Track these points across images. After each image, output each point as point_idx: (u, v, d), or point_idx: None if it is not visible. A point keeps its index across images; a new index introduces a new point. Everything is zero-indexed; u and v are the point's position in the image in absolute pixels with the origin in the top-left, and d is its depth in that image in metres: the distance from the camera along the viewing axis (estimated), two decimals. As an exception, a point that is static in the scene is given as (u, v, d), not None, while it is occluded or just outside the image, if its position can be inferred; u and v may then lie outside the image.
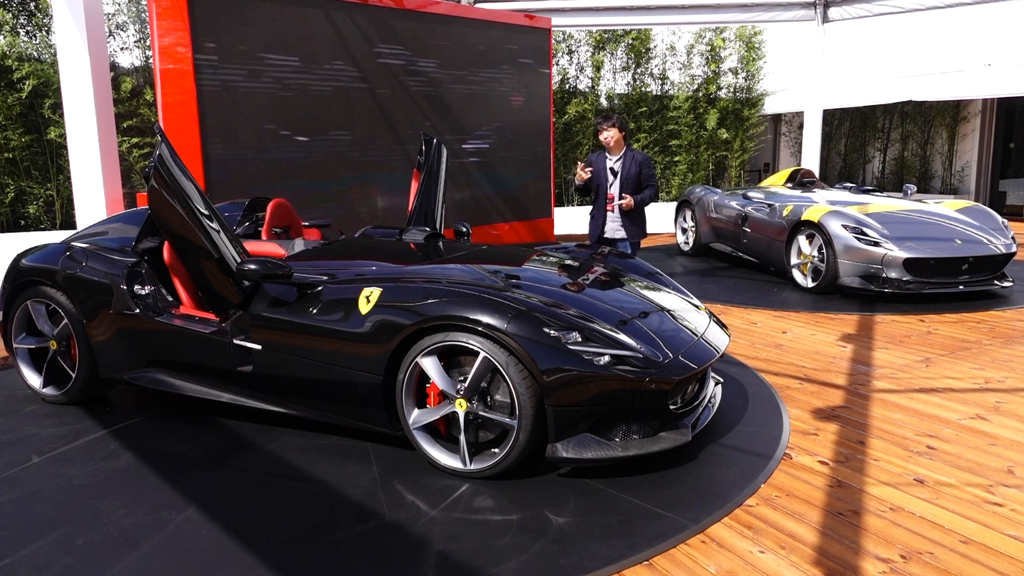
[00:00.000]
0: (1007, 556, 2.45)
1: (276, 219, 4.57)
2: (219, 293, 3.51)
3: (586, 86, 13.89)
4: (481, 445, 3.07)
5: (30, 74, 9.34)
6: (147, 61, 10.29)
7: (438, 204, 4.84)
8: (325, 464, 3.21)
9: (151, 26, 5.88)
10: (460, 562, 2.43)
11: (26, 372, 4.10)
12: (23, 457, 3.34)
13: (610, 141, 5.33)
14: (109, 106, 5.85)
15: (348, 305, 3.19)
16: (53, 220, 9.94)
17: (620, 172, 5.33)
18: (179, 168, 3.40)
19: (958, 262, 6.28)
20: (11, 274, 4.05)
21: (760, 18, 11.89)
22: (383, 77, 7.42)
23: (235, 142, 6.39)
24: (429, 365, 3.01)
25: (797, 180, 8.38)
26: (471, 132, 8.38)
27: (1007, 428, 3.54)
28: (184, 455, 3.34)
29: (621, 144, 5.36)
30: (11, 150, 9.46)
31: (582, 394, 2.86)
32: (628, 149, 5.37)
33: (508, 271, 3.61)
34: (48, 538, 2.62)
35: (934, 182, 15.13)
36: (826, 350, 4.92)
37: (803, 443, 3.40)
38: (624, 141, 5.39)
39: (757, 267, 8.14)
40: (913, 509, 2.77)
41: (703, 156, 14.48)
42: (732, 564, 2.43)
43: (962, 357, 4.72)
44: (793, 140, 16.68)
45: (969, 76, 13.17)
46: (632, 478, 3.00)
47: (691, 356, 3.16)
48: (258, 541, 2.58)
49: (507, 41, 8.64)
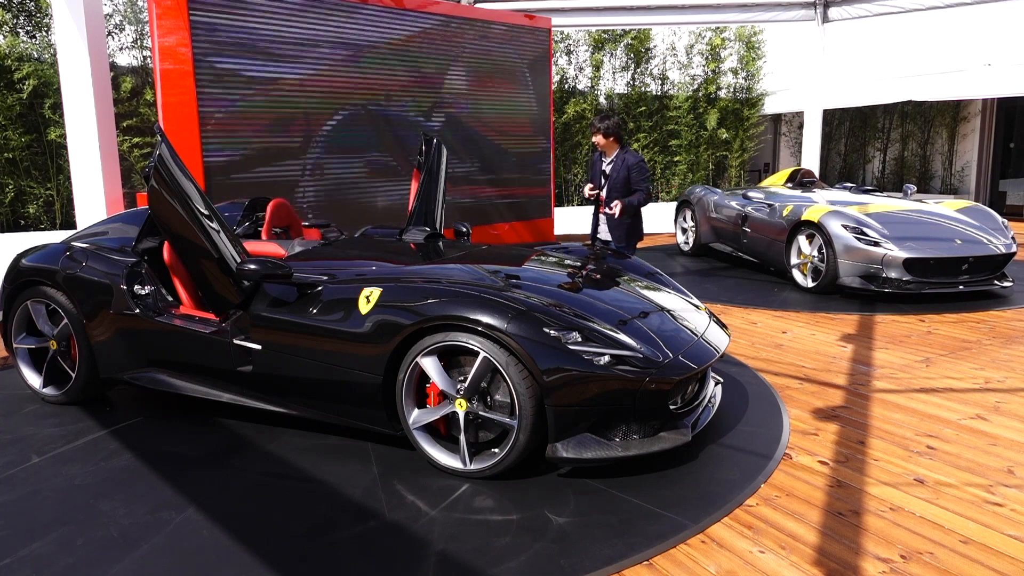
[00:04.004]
0: (1007, 556, 2.45)
1: (276, 219, 4.57)
2: (219, 293, 3.51)
3: (585, 86, 13.89)
4: (481, 445, 3.06)
5: (30, 74, 9.34)
6: (145, 61, 10.29)
7: (438, 204, 4.84)
8: (325, 464, 3.21)
9: (151, 26, 5.88)
10: (460, 562, 2.43)
11: (26, 372, 4.10)
12: (23, 457, 3.34)
13: (600, 144, 5.38)
14: (109, 106, 5.86)
15: (348, 305, 3.19)
16: (53, 220, 9.93)
17: (610, 175, 5.36)
18: (179, 168, 3.40)
19: (958, 262, 6.28)
20: (11, 274, 4.05)
21: (760, 18, 11.89)
22: (383, 77, 7.42)
23: (235, 142, 6.39)
24: (429, 365, 3.01)
25: (797, 180, 8.38)
26: (471, 132, 8.38)
27: (1007, 428, 3.54)
28: (184, 455, 3.34)
29: (613, 147, 5.37)
30: (11, 150, 9.46)
31: (582, 394, 2.86)
32: (622, 151, 5.37)
33: (508, 271, 3.61)
34: (48, 538, 2.62)
35: (934, 182, 15.13)
36: (826, 350, 4.92)
37: (803, 443, 3.40)
38: (618, 144, 5.38)
39: (757, 267, 8.13)
40: (913, 509, 2.77)
41: (703, 156, 14.47)
42: (732, 564, 2.43)
43: (962, 357, 4.72)
44: (793, 140, 16.68)
45: (969, 76, 13.17)
46: (632, 478, 3.00)
47: (691, 356, 3.16)
48: (258, 541, 2.59)
49: (507, 41, 8.64)
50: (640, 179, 5.29)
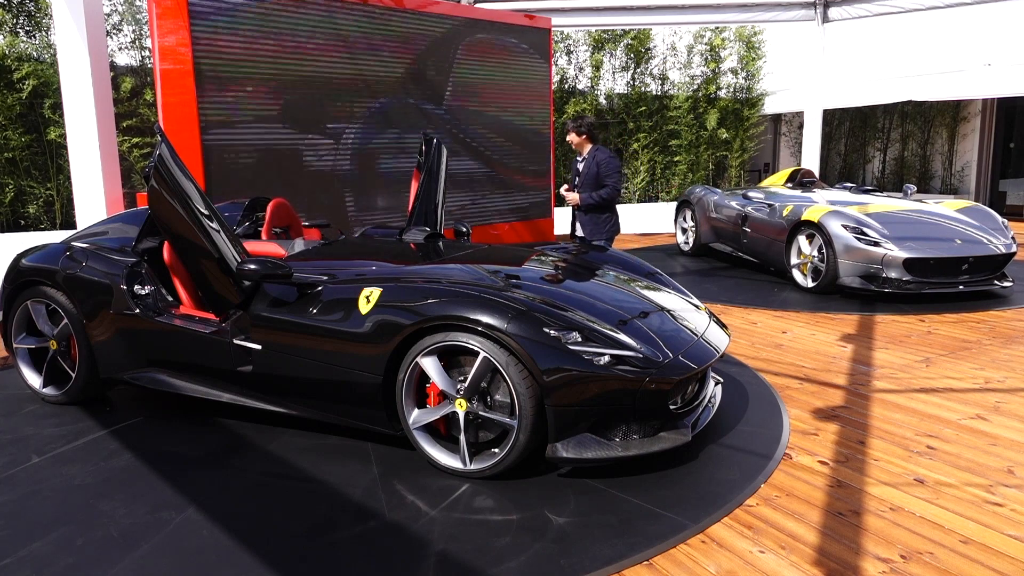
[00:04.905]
0: (1007, 556, 2.45)
1: (276, 219, 4.57)
2: (219, 293, 3.51)
3: (585, 86, 13.89)
4: (481, 445, 3.06)
5: (30, 74, 9.33)
6: (145, 61, 10.30)
7: (438, 204, 4.84)
8: (325, 464, 3.21)
9: (151, 26, 5.88)
10: (460, 562, 2.43)
11: (26, 372, 4.10)
12: (23, 457, 3.34)
13: (574, 143, 5.67)
14: (109, 106, 5.85)
15: (348, 305, 3.19)
16: (53, 220, 9.93)
17: (582, 171, 5.62)
18: (179, 168, 3.40)
19: (958, 262, 6.28)
20: (11, 274, 4.05)
21: (760, 18, 11.89)
22: (383, 77, 7.42)
23: (235, 142, 6.39)
24: (429, 365, 3.01)
25: (797, 180, 8.38)
26: (471, 132, 8.38)
27: (1007, 428, 3.54)
28: (184, 455, 3.34)
29: (585, 144, 5.65)
30: (11, 150, 9.46)
31: (582, 394, 2.86)
32: (593, 149, 5.62)
33: (508, 271, 3.61)
34: (48, 538, 2.62)
35: (934, 182, 15.13)
36: (826, 350, 4.92)
37: (803, 443, 3.40)
38: (590, 141, 5.63)
39: (757, 267, 8.13)
40: (913, 509, 2.77)
41: (703, 156, 14.47)
42: (732, 564, 2.43)
43: (962, 357, 4.72)
44: (793, 140, 16.67)
45: (969, 76, 13.17)
46: (632, 478, 3.00)
47: (691, 356, 3.16)
48: (258, 541, 2.58)
49: (507, 41, 8.64)
50: (607, 173, 5.51)
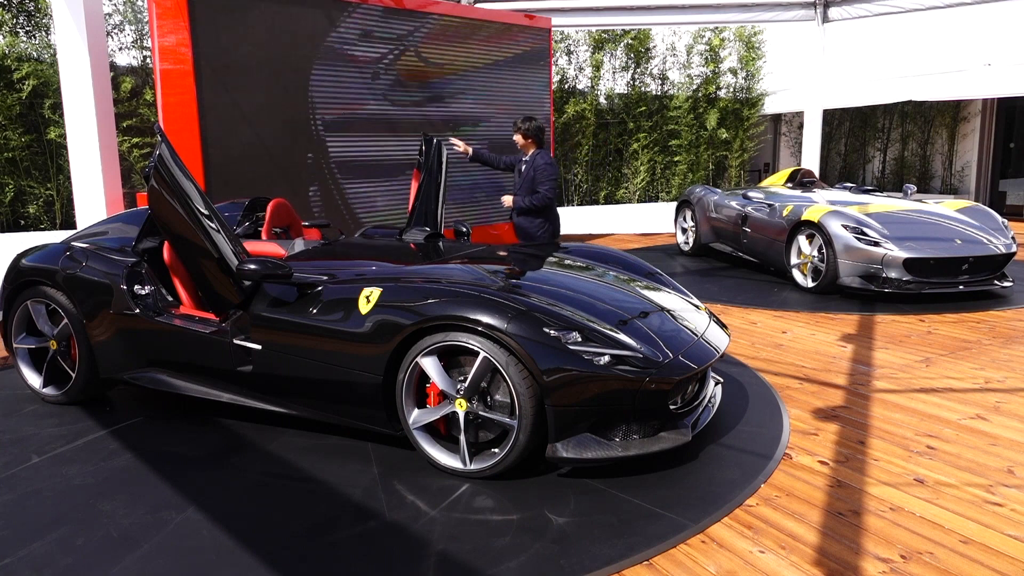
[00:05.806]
0: (1007, 556, 2.45)
1: (276, 219, 4.58)
2: (219, 293, 3.51)
3: (585, 86, 13.90)
4: (481, 445, 3.06)
5: (30, 74, 9.34)
6: (145, 61, 10.29)
7: (438, 204, 4.84)
8: (325, 464, 3.21)
9: (151, 26, 5.88)
10: (460, 562, 2.43)
11: (26, 372, 4.09)
12: (23, 457, 3.34)
13: (519, 144, 5.68)
14: (109, 106, 5.86)
15: (348, 305, 3.19)
16: (53, 220, 9.94)
17: (523, 173, 5.67)
18: (179, 168, 3.40)
19: (958, 262, 6.28)
20: (11, 274, 4.05)
21: (760, 18, 11.89)
22: (383, 77, 7.42)
23: (235, 142, 6.39)
24: (429, 365, 3.01)
25: (797, 180, 8.38)
26: (471, 132, 8.38)
27: (1007, 428, 3.54)
28: (184, 455, 3.34)
29: (530, 147, 5.66)
30: (11, 150, 9.46)
31: (582, 394, 2.86)
32: (535, 153, 5.62)
33: (508, 271, 3.61)
34: (48, 538, 2.62)
35: (934, 182, 15.13)
36: (826, 350, 4.92)
37: (803, 443, 3.40)
38: (535, 145, 5.64)
39: (757, 267, 8.13)
40: (913, 509, 2.77)
41: (703, 156, 14.48)
42: (732, 564, 2.43)
43: (962, 357, 4.72)
44: (793, 140, 16.68)
45: (969, 76, 13.17)
46: (632, 478, 3.00)
47: (691, 356, 3.16)
48: (258, 541, 2.58)
49: (507, 41, 8.64)
50: (542, 180, 5.52)
